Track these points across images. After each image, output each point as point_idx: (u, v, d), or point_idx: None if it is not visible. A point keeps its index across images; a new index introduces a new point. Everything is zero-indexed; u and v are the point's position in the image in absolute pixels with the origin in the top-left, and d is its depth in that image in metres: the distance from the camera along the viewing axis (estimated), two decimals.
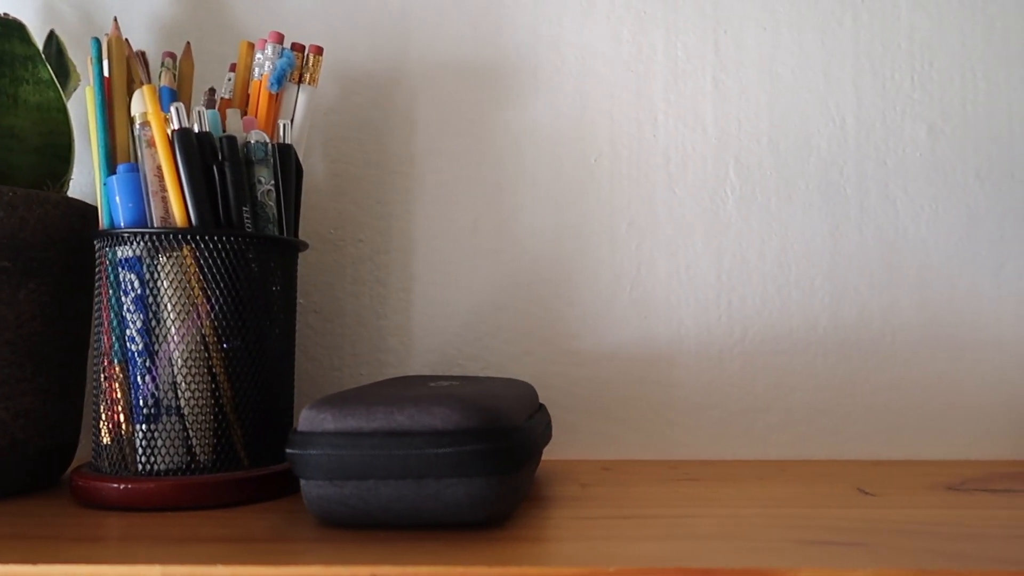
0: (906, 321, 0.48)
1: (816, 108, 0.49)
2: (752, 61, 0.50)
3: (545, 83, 0.50)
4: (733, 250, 0.49)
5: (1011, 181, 0.49)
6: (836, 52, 0.50)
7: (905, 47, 0.49)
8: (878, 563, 0.26)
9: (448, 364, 0.49)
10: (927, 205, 0.49)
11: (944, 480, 0.40)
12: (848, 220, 0.49)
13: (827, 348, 0.48)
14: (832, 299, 0.48)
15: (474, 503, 0.30)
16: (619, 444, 0.48)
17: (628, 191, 0.49)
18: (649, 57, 0.50)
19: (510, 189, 0.50)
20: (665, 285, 0.49)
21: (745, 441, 0.48)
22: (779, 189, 0.49)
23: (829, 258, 0.49)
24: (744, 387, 0.48)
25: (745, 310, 0.49)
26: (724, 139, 0.49)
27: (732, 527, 0.31)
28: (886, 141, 0.49)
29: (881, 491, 0.38)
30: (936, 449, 0.48)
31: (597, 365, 0.49)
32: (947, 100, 0.49)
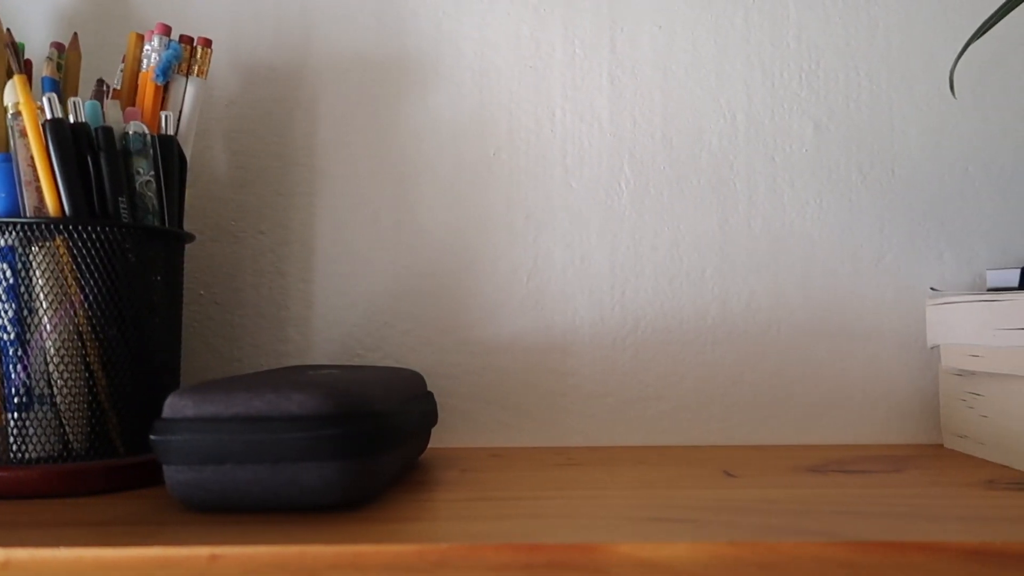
0: (791, 311, 0.50)
1: (708, 105, 0.51)
2: (647, 59, 0.51)
3: (446, 77, 0.51)
4: (627, 242, 0.50)
5: (891, 177, 0.51)
6: (728, 51, 0.51)
7: (793, 47, 0.51)
8: (696, 538, 0.27)
9: (348, 354, 0.50)
10: (812, 199, 0.50)
11: (810, 463, 0.42)
12: (737, 213, 0.50)
13: (716, 337, 0.50)
14: (721, 290, 0.50)
15: (329, 486, 0.31)
16: (514, 432, 0.49)
17: (526, 184, 0.51)
18: (548, 54, 0.51)
19: (411, 181, 0.51)
20: (561, 276, 0.50)
21: (637, 428, 0.50)
22: (672, 183, 0.51)
23: (719, 250, 0.50)
24: (636, 375, 0.50)
25: (638, 300, 0.50)
26: (619, 134, 0.51)
27: (583, 507, 0.32)
28: (774, 138, 0.51)
29: (745, 473, 0.39)
30: (819, 434, 0.49)
31: (494, 354, 0.50)
32: (832, 98, 0.51)
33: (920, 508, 0.32)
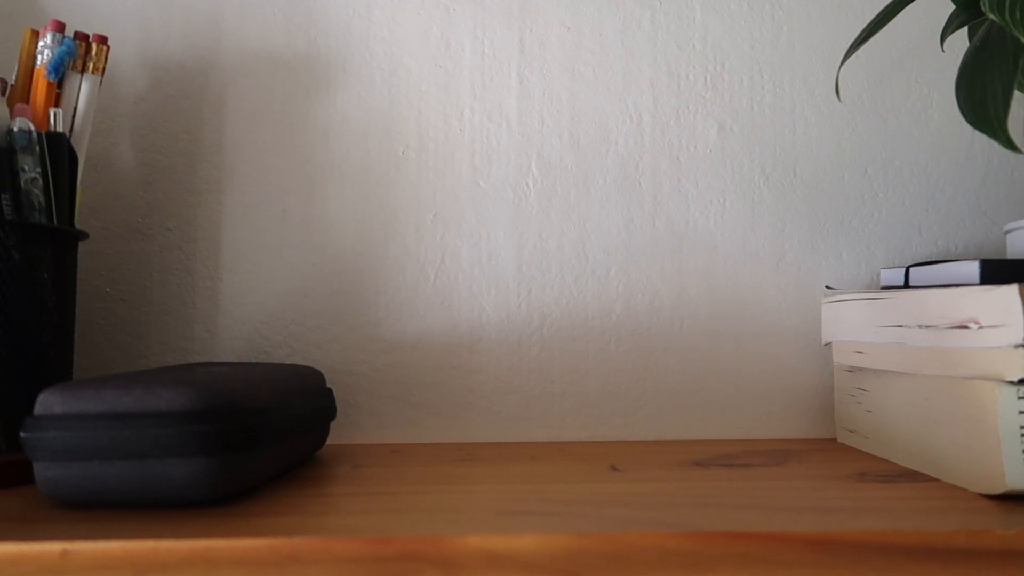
0: (694, 309, 0.51)
1: (615, 106, 0.52)
2: (555, 59, 0.52)
3: (355, 76, 0.51)
4: (534, 241, 0.51)
5: (793, 178, 0.52)
6: (635, 52, 0.52)
7: (699, 49, 0.52)
8: (550, 530, 0.28)
9: (255, 351, 0.50)
10: (716, 199, 0.52)
11: (698, 457, 0.43)
12: (642, 213, 0.51)
13: (620, 335, 0.51)
14: (626, 288, 0.51)
15: (196, 482, 0.31)
16: (420, 428, 0.50)
17: (434, 183, 0.51)
18: (457, 53, 0.52)
19: (319, 180, 0.51)
20: (468, 274, 0.51)
21: (542, 424, 0.50)
22: (578, 183, 0.51)
23: (624, 249, 0.51)
24: (542, 372, 0.50)
25: (544, 298, 0.51)
26: (527, 134, 0.51)
27: (454, 501, 0.33)
28: (679, 138, 0.52)
29: (631, 468, 0.40)
30: (720, 429, 0.51)
31: (401, 352, 0.50)
32: (736, 100, 0.52)
33: (781, 500, 0.33)
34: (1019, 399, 0.32)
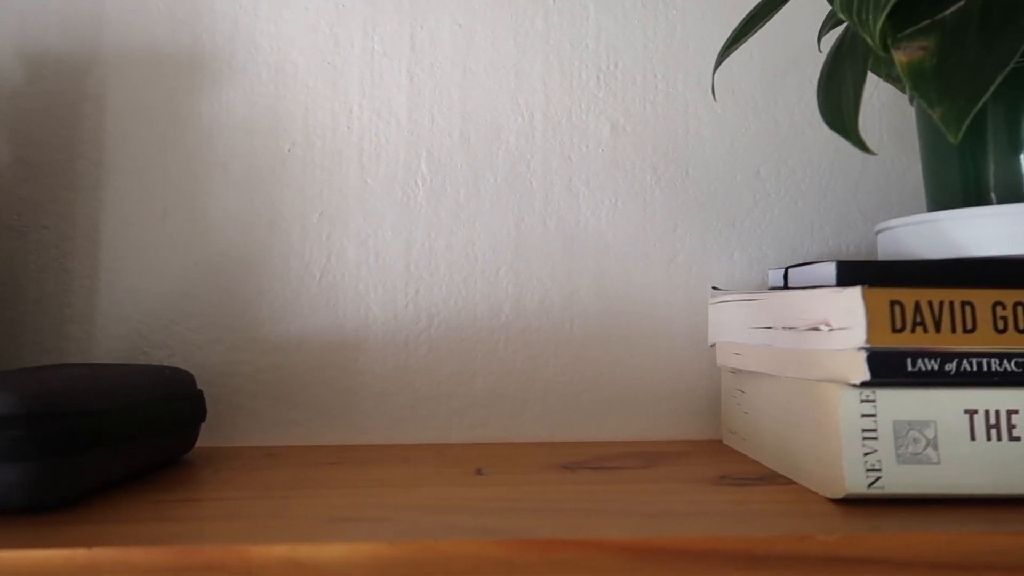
0: (584, 309, 0.50)
1: (506, 104, 0.51)
2: (447, 57, 0.51)
3: (241, 72, 0.50)
4: (422, 240, 0.50)
5: (685, 178, 0.52)
6: (527, 50, 0.51)
7: (592, 47, 0.52)
8: (369, 537, 0.27)
9: (134, 352, 0.49)
10: (607, 199, 0.51)
11: (569, 460, 0.42)
12: (533, 212, 0.51)
13: (509, 335, 0.50)
14: (515, 288, 0.50)
15: (14, 488, 0.30)
16: (304, 430, 0.49)
17: (321, 181, 0.50)
18: (346, 50, 0.51)
19: (202, 177, 0.50)
20: (354, 274, 0.50)
21: (429, 426, 0.49)
22: (468, 181, 0.51)
23: (514, 249, 0.50)
24: (429, 373, 0.50)
25: (432, 298, 0.50)
26: (417, 132, 0.51)
27: (291, 507, 0.32)
28: (571, 137, 0.51)
29: (497, 471, 0.39)
30: (609, 431, 0.50)
31: (284, 352, 0.49)
32: (629, 99, 0.52)
33: (628, 504, 0.32)
34: (861, 402, 0.32)
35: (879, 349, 0.32)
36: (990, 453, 0.31)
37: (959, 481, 0.31)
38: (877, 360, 0.32)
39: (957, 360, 0.32)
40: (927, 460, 0.31)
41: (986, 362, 0.32)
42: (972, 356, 0.32)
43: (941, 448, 0.32)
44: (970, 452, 0.31)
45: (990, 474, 0.31)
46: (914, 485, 0.31)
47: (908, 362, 0.32)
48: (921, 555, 0.27)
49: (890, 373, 0.32)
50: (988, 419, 0.32)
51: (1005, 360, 0.32)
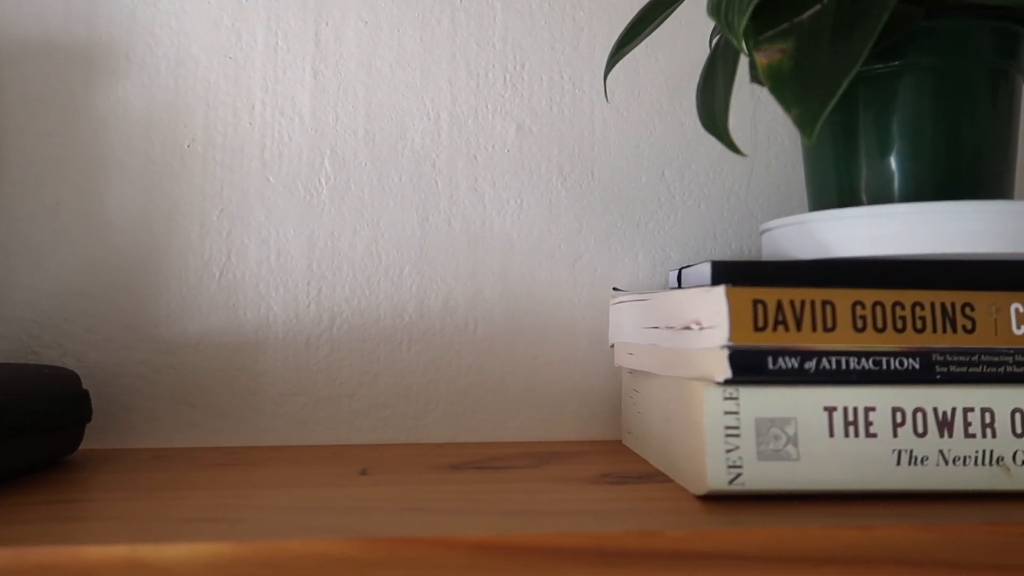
0: (488, 310, 0.51)
1: (412, 103, 0.51)
2: (352, 54, 0.51)
3: (139, 65, 0.49)
4: (325, 239, 0.50)
5: (590, 179, 0.52)
6: (433, 49, 0.51)
7: (499, 48, 0.52)
8: (219, 538, 0.27)
9: (23, 352, 0.48)
10: (512, 199, 0.51)
11: (461, 460, 0.42)
12: (438, 212, 0.51)
13: (412, 336, 0.50)
14: (419, 288, 0.50)
15: None
16: (201, 432, 0.48)
17: (221, 177, 0.49)
18: (249, 45, 0.50)
19: (98, 172, 0.49)
20: (255, 272, 0.49)
21: (330, 427, 0.49)
22: (373, 180, 0.50)
23: (418, 248, 0.50)
24: (331, 374, 0.49)
25: (335, 298, 0.50)
26: (321, 129, 0.50)
27: (151, 509, 0.31)
28: (477, 137, 0.51)
29: (383, 472, 0.39)
30: (513, 431, 0.50)
31: (182, 352, 0.48)
32: (536, 100, 0.52)
33: (501, 504, 0.32)
34: (725, 400, 0.32)
35: (741, 347, 0.32)
36: (848, 450, 0.32)
37: (818, 477, 0.32)
38: (739, 358, 0.32)
39: (817, 358, 0.33)
40: (787, 457, 0.32)
41: (845, 360, 0.33)
42: (832, 355, 0.33)
43: (801, 445, 0.32)
44: (829, 449, 0.32)
45: (847, 470, 0.32)
46: (774, 481, 0.32)
47: (769, 360, 0.32)
48: (767, 550, 0.28)
49: (752, 371, 0.32)
50: (847, 416, 0.32)
51: (863, 359, 0.33)
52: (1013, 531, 0.29)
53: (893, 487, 0.32)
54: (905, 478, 0.32)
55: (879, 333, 0.33)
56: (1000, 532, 0.29)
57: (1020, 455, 0.32)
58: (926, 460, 0.32)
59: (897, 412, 0.32)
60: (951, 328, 0.33)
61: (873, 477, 0.32)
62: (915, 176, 0.37)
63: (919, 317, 0.33)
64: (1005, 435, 0.32)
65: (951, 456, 0.32)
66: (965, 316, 0.33)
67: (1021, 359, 0.33)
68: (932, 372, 0.33)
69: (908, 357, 0.33)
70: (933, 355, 0.33)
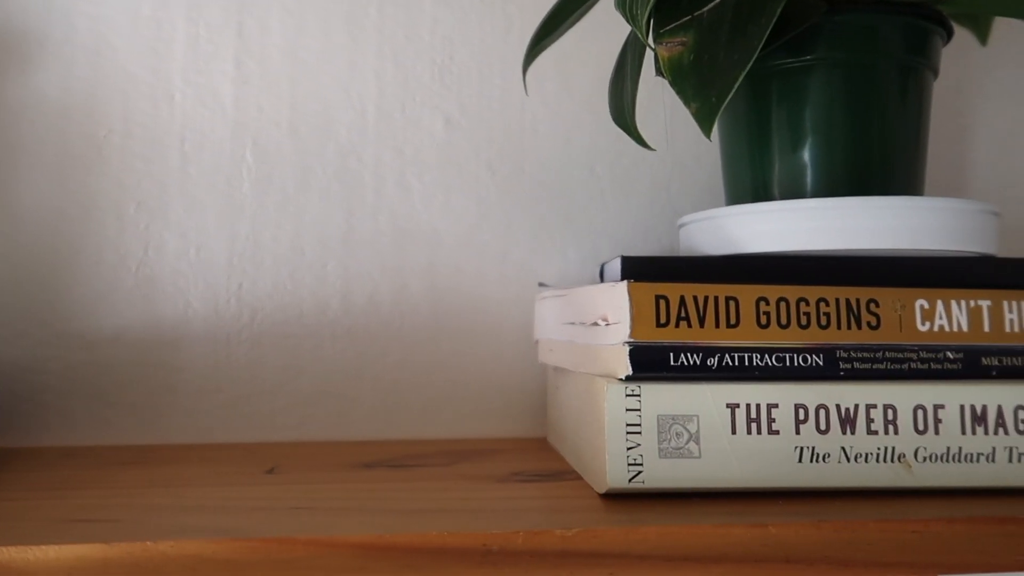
0: (414, 306, 0.50)
1: (338, 95, 0.50)
2: (276, 45, 0.50)
3: (54, 53, 0.48)
4: (247, 233, 0.49)
5: (520, 174, 0.51)
6: (360, 41, 0.50)
7: (427, 40, 0.51)
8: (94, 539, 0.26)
9: None
10: (440, 194, 0.51)
11: (375, 458, 0.42)
12: (364, 206, 0.50)
13: (336, 332, 0.49)
14: (344, 283, 0.49)
15: None
16: (116, 430, 0.47)
17: (139, 169, 0.48)
18: (169, 35, 0.49)
19: (9, 163, 0.47)
20: (173, 267, 0.48)
21: (251, 424, 0.48)
22: (297, 174, 0.49)
23: (343, 243, 0.49)
24: (252, 370, 0.48)
25: (256, 293, 0.49)
26: (243, 121, 0.49)
27: (23, 510, 0.30)
28: (405, 131, 0.50)
29: (291, 471, 0.38)
30: (439, 429, 0.50)
31: (97, 349, 0.47)
32: (465, 94, 0.51)
33: (396, 502, 0.32)
34: (627, 396, 0.32)
35: (642, 343, 0.32)
36: (750, 447, 0.32)
37: (719, 475, 0.32)
38: (640, 354, 0.32)
39: (720, 355, 0.32)
40: (689, 454, 0.32)
41: (748, 357, 0.32)
42: (735, 351, 0.32)
43: (703, 442, 0.32)
44: (731, 446, 0.32)
45: (749, 468, 0.32)
46: (675, 479, 0.32)
47: (671, 356, 0.32)
48: (656, 549, 0.28)
49: (653, 367, 0.32)
50: (749, 413, 0.32)
51: (766, 355, 0.32)
52: (905, 528, 0.29)
53: (795, 484, 0.32)
54: (807, 475, 0.32)
55: (783, 329, 0.33)
56: (892, 529, 0.29)
57: (922, 452, 0.32)
58: (828, 457, 0.32)
59: (800, 409, 0.32)
60: (856, 325, 0.33)
61: (774, 474, 0.32)
62: (826, 172, 0.36)
63: (824, 313, 0.33)
64: (907, 432, 0.32)
65: (853, 453, 0.32)
66: (870, 312, 0.33)
67: (926, 356, 0.33)
68: (836, 369, 0.33)
69: (812, 354, 0.33)
70: (837, 352, 0.33)
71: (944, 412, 0.33)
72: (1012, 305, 0.34)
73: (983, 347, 0.34)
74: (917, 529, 0.29)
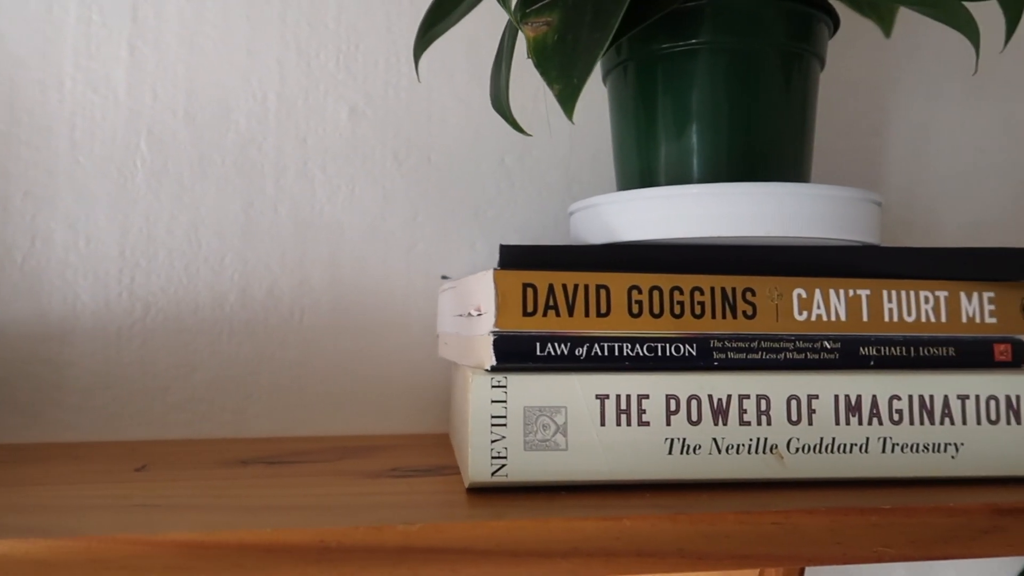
0: (316, 300, 0.48)
1: (238, 83, 0.49)
2: (172, 31, 0.48)
3: None
4: (140, 224, 0.47)
5: (427, 165, 0.50)
6: (261, 28, 0.49)
7: (332, 28, 0.50)
8: None
9: None
10: (344, 185, 0.49)
11: (256, 455, 0.40)
12: (264, 197, 0.48)
13: (233, 326, 0.48)
14: (242, 276, 0.48)
15: None
16: (2, 428, 0.45)
17: (26, 158, 0.46)
18: (60, 18, 0.47)
19: None
20: (62, 259, 0.46)
21: (143, 421, 0.46)
22: (193, 163, 0.48)
23: (241, 235, 0.48)
24: (144, 366, 0.47)
25: (149, 287, 0.47)
26: (137, 109, 0.48)
27: None
28: (308, 120, 0.49)
29: (162, 468, 0.37)
30: (341, 425, 0.48)
31: None
32: (371, 83, 0.50)
33: (258, 499, 0.30)
34: (492, 388, 0.31)
35: (507, 333, 0.31)
36: (619, 439, 0.31)
37: (586, 468, 0.31)
38: (504, 344, 0.31)
39: (588, 344, 0.31)
40: (555, 447, 0.31)
41: (618, 346, 0.31)
42: (604, 340, 0.31)
43: (571, 434, 0.31)
44: (599, 438, 0.31)
45: (617, 460, 0.31)
46: (540, 472, 0.31)
47: (537, 346, 0.31)
48: (504, 543, 0.26)
49: (519, 358, 0.31)
50: (619, 404, 0.31)
51: (638, 344, 0.32)
52: (764, 520, 0.28)
53: (664, 477, 0.31)
54: (676, 467, 0.31)
55: (656, 319, 0.32)
56: (751, 521, 0.28)
57: (795, 443, 0.32)
58: (699, 449, 0.31)
59: (671, 400, 0.31)
60: (731, 314, 0.32)
61: (643, 467, 0.31)
62: (711, 158, 0.36)
63: (698, 303, 0.32)
64: (780, 423, 0.32)
65: (724, 445, 0.31)
66: (746, 302, 0.33)
67: (803, 345, 0.33)
68: (710, 359, 0.32)
69: (685, 343, 0.32)
70: (711, 341, 0.32)
71: (818, 402, 0.32)
72: (892, 295, 0.34)
73: (861, 337, 0.33)
74: (777, 521, 0.28)
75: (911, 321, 0.33)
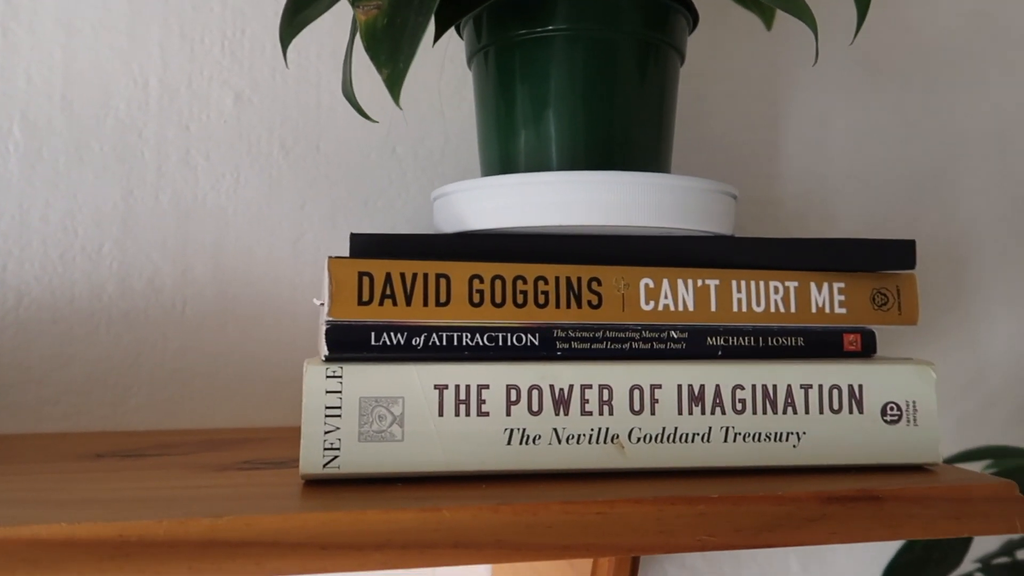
0: (199, 289, 0.48)
1: (117, 68, 0.47)
2: (48, 12, 0.47)
3: None
4: (12, 212, 0.46)
5: (316, 153, 0.49)
6: (143, 11, 0.48)
7: (218, 11, 0.49)
8: None
9: None
10: (229, 173, 0.48)
11: (111, 449, 0.39)
12: (144, 185, 0.47)
13: (112, 316, 0.47)
14: (121, 266, 0.47)
15: None
16: None
17: None
18: None
19: None
20: None
21: (15, 414, 0.45)
22: (70, 149, 0.47)
23: (120, 224, 0.47)
24: (16, 358, 0.45)
25: (22, 276, 0.46)
26: (10, 92, 0.46)
27: None
28: (191, 106, 0.48)
29: (16, 462, 0.36)
30: (226, 418, 0.47)
31: None
32: (257, 69, 0.49)
33: (81, 494, 0.30)
34: (327, 378, 0.30)
35: (341, 322, 0.30)
36: (457, 429, 0.31)
37: (423, 459, 0.30)
38: (337, 333, 0.30)
39: (426, 334, 0.31)
40: (391, 438, 0.30)
41: (457, 336, 0.31)
42: (443, 330, 0.31)
43: (407, 425, 0.30)
44: (437, 429, 0.30)
45: (454, 451, 0.30)
46: (375, 464, 0.30)
47: (372, 336, 0.30)
48: (316, 536, 0.26)
49: (353, 347, 0.30)
50: (458, 394, 0.31)
51: (478, 334, 0.31)
52: (589, 510, 0.28)
53: (503, 468, 0.31)
54: (516, 458, 0.31)
55: (498, 308, 0.31)
56: (575, 511, 0.28)
57: (636, 433, 0.31)
58: (539, 439, 0.31)
59: (512, 390, 0.31)
60: (576, 303, 0.32)
61: (482, 458, 0.31)
62: (567, 147, 0.35)
63: (542, 292, 0.32)
64: (622, 412, 0.31)
65: (565, 435, 0.31)
66: (591, 291, 0.32)
67: (649, 335, 0.33)
68: (553, 348, 0.32)
69: (527, 333, 0.32)
70: (555, 331, 0.32)
71: (661, 392, 0.32)
72: (741, 285, 0.34)
73: (709, 327, 0.33)
74: (602, 510, 0.28)
75: (760, 311, 0.33)
